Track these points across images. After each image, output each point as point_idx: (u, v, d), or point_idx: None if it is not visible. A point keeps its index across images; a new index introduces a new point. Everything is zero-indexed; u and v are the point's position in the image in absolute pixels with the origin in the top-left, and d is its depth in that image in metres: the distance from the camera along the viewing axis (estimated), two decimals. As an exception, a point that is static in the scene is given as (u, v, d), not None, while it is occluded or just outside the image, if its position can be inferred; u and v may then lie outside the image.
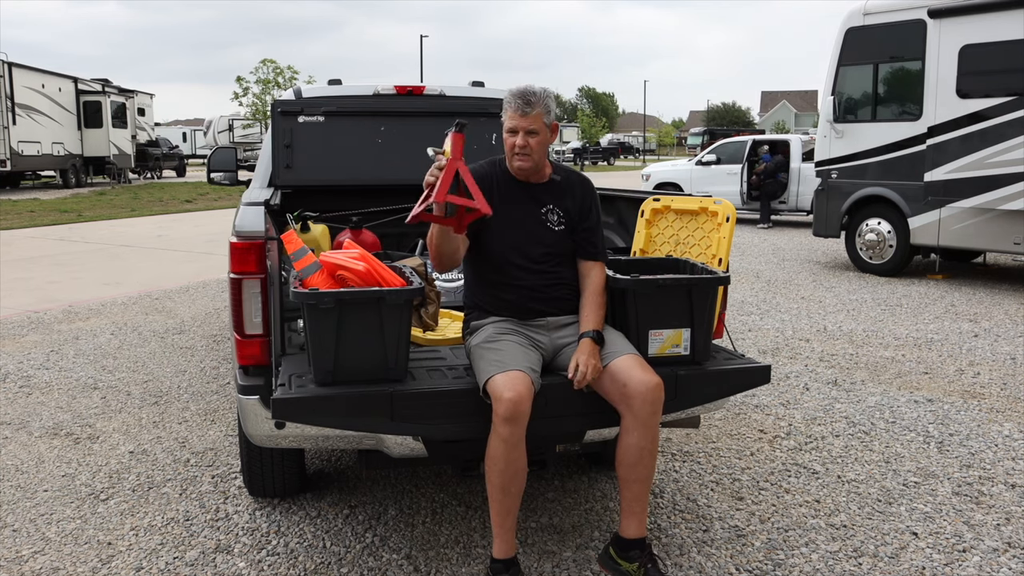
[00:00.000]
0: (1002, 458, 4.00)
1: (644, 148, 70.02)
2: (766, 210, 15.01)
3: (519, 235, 2.89)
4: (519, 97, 2.80)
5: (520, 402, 2.50)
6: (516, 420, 2.51)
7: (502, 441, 2.53)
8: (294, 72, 43.75)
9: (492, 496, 2.63)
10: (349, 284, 2.58)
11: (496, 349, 2.70)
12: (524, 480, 2.63)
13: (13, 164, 22.71)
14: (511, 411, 2.49)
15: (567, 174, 3.00)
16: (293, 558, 3.01)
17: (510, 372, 2.57)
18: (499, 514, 2.65)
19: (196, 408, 4.70)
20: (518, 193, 2.92)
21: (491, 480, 2.60)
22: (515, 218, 2.89)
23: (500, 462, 2.56)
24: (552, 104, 2.84)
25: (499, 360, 2.63)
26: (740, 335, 6.54)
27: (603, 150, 56.61)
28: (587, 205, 2.97)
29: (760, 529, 3.26)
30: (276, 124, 4.31)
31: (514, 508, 2.65)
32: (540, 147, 2.85)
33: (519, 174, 2.91)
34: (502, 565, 2.68)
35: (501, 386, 2.52)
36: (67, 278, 9.08)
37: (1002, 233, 8.35)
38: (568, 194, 2.96)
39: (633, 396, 2.60)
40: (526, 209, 2.92)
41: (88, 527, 3.27)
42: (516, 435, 2.53)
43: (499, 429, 2.52)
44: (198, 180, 29.49)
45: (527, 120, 2.79)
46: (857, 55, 9.41)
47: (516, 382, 2.54)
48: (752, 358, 3.02)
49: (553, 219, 2.92)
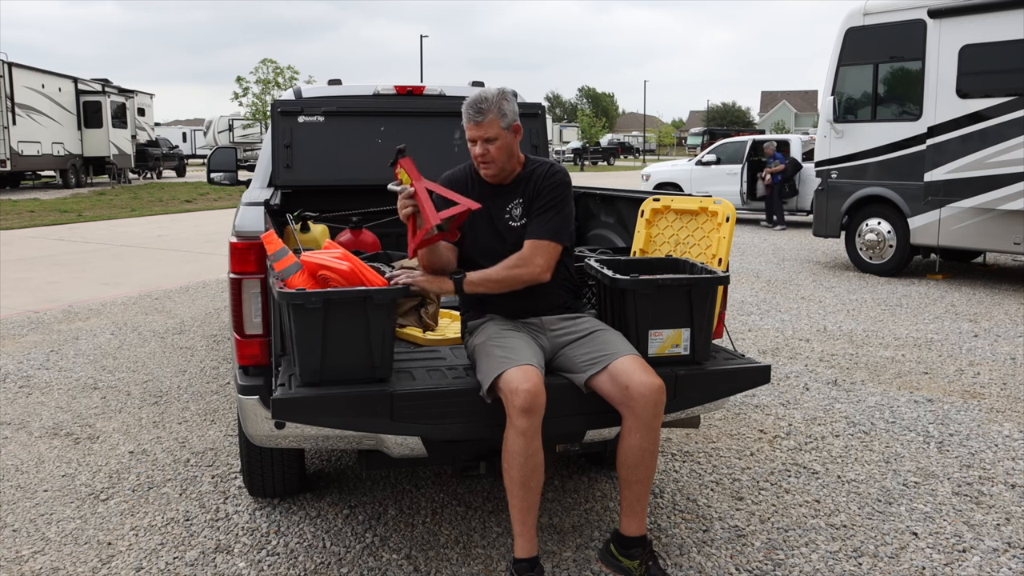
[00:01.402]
0: (1002, 458, 4.00)
1: (644, 148, 70.03)
2: (780, 211, 14.97)
3: (488, 236, 2.91)
4: (470, 107, 2.81)
5: (538, 393, 2.51)
6: (534, 411, 2.50)
7: (520, 434, 2.51)
8: (294, 72, 43.72)
9: (512, 492, 2.60)
10: (332, 284, 2.57)
11: (504, 345, 2.69)
12: (543, 475, 2.60)
13: (13, 164, 22.72)
14: (529, 402, 2.49)
15: (535, 166, 2.94)
16: (293, 558, 3.01)
17: (523, 366, 2.58)
18: (520, 511, 2.61)
19: (196, 408, 4.70)
20: (488, 194, 2.94)
21: (510, 476, 2.57)
22: (484, 219, 2.91)
23: (519, 456, 2.54)
24: (508, 106, 2.81)
25: (509, 355, 2.63)
26: (740, 335, 6.54)
27: (603, 150, 56.59)
28: (542, 187, 2.89)
29: (760, 529, 3.26)
30: (276, 124, 4.31)
31: (535, 504, 2.62)
32: (501, 152, 2.84)
33: (488, 179, 2.94)
34: (527, 564, 2.64)
35: (517, 379, 2.52)
36: (67, 278, 9.08)
37: (1002, 233, 8.35)
38: (530, 185, 2.92)
39: (635, 398, 2.59)
40: (493, 209, 2.93)
41: (88, 527, 3.27)
42: (534, 427, 2.52)
43: (516, 422, 2.51)
44: (198, 180, 29.50)
45: (481, 129, 2.80)
46: (857, 55, 9.41)
47: (530, 374, 2.54)
48: (752, 358, 3.02)
49: (516, 214, 2.91)
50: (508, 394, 2.52)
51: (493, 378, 2.56)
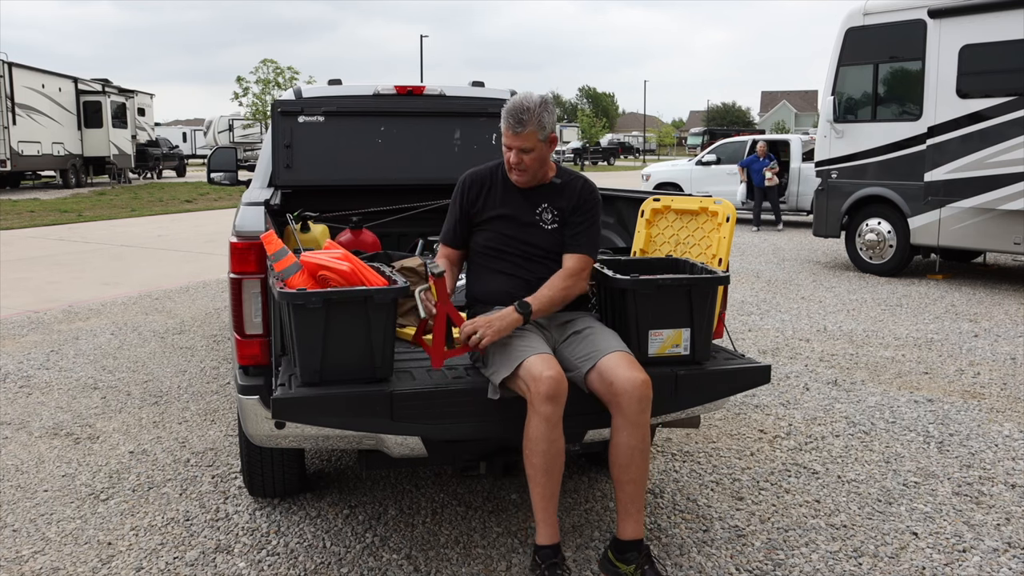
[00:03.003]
0: (1002, 458, 4.00)
1: (644, 148, 70.02)
2: (778, 210, 14.95)
3: (514, 234, 2.94)
4: (511, 116, 2.82)
5: (560, 380, 2.54)
6: (557, 398, 2.53)
7: (543, 420, 2.53)
8: (294, 72, 43.73)
9: (535, 480, 2.61)
10: (331, 284, 2.57)
11: (520, 336, 2.71)
12: (563, 462, 2.63)
13: (13, 164, 22.71)
14: (553, 388, 2.51)
15: (569, 177, 3.03)
16: (293, 558, 3.01)
17: (543, 355, 2.61)
18: (543, 498, 2.63)
19: (196, 408, 4.70)
20: (515, 195, 2.98)
21: (532, 463, 2.59)
22: (510, 218, 2.94)
23: (542, 442, 2.55)
24: (548, 118, 2.85)
25: (527, 344, 2.66)
26: (740, 335, 6.53)
27: (603, 150, 56.60)
28: (582, 203, 2.98)
29: (760, 529, 3.26)
30: (276, 124, 4.31)
31: (556, 491, 2.64)
32: (535, 162, 2.89)
33: (518, 184, 2.97)
34: (550, 551, 2.65)
35: (539, 366, 2.54)
36: (67, 278, 9.08)
37: (1002, 233, 8.35)
38: (565, 195, 2.99)
39: (620, 394, 2.60)
40: (521, 210, 2.96)
41: (88, 527, 3.27)
42: (557, 414, 2.55)
43: (540, 408, 2.52)
44: (198, 180, 29.49)
45: (519, 139, 2.82)
46: (857, 55, 9.41)
47: (551, 363, 2.58)
48: (752, 358, 3.02)
49: (547, 218, 2.96)
50: (531, 381, 2.53)
51: (515, 366, 2.58)
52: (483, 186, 3.00)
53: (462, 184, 3.05)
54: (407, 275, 3.23)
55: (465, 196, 3.02)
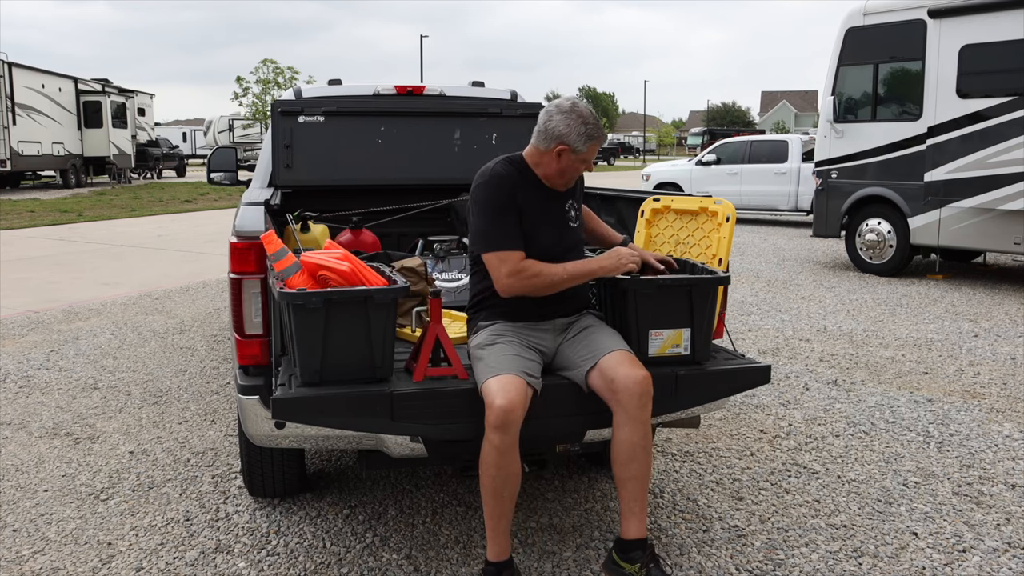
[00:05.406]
0: (1002, 458, 4.00)
1: (644, 148, 70.03)
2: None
3: (551, 236, 2.86)
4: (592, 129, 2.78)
5: (511, 409, 2.49)
6: (506, 427, 2.50)
7: (493, 447, 2.52)
8: (294, 72, 43.75)
9: (485, 500, 2.63)
10: (331, 284, 2.57)
11: (492, 353, 2.70)
12: (518, 484, 2.62)
13: (13, 164, 22.71)
14: (501, 419, 2.49)
15: None
16: (293, 558, 3.01)
17: (503, 377, 2.57)
18: (492, 517, 2.64)
19: (196, 408, 4.70)
20: (543, 196, 2.89)
21: (484, 484, 2.60)
22: (544, 221, 2.86)
23: (492, 467, 2.55)
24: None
25: (494, 364, 2.63)
26: (740, 335, 6.53)
27: (603, 150, 56.47)
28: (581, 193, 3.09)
29: (760, 529, 3.26)
30: (276, 124, 4.31)
31: (507, 512, 2.64)
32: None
33: (556, 188, 2.90)
34: (494, 568, 2.67)
35: (493, 392, 2.52)
36: (67, 278, 9.08)
37: (1002, 233, 8.35)
38: (576, 190, 3.03)
39: (620, 391, 2.60)
40: (553, 211, 2.90)
41: (88, 527, 3.27)
42: (507, 442, 2.52)
43: (490, 436, 2.52)
44: (198, 180, 29.49)
45: (591, 152, 2.83)
46: (857, 55, 9.41)
47: (509, 388, 2.52)
48: (752, 358, 3.02)
49: (572, 215, 2.97)
50: (486, 406, 2.53)
51: (479, 386, 2.60)
52: (515, 186, 2.82)
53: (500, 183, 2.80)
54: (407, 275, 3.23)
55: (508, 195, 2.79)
